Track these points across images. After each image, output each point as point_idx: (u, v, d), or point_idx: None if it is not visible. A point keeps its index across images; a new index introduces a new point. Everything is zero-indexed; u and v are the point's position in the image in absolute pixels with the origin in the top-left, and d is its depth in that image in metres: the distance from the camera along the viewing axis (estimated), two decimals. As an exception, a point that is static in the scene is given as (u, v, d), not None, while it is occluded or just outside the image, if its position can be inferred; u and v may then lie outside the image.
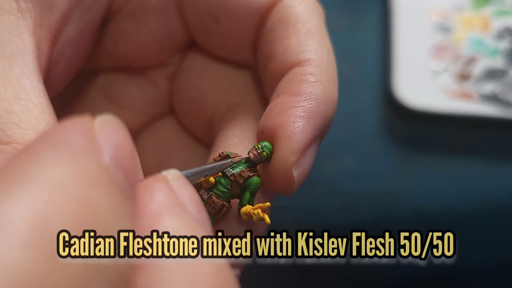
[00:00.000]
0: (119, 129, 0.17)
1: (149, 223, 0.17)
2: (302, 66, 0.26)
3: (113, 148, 0.16)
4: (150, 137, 0.32)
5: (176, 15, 0.29)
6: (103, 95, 0.32)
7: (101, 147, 0.16)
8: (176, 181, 0.18)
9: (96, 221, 0.15)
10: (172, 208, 0.17)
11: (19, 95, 0.22)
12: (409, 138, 0.42)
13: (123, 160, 0.16)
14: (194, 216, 0.18)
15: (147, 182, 0.18)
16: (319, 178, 0.40)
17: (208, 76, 0.30)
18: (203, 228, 0.18)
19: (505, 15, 0.46)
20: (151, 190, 0.18)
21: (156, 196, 0.17)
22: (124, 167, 0.16)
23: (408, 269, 0.41)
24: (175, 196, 0.18)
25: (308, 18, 0.27)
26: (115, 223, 0.15)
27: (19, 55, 0.23)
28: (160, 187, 0.18)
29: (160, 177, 0.18)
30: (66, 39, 0.26)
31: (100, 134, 0.16)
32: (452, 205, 0.39)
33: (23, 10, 0.24)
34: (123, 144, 0.17)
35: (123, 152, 0.16)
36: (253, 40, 0.28)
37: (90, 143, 0.16)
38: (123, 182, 0.16)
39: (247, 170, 0.25)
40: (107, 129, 0.17)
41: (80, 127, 0.16)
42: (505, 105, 0.41)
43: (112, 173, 0.16)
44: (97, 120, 0.17)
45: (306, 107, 0.25)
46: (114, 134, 0.17)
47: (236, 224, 0.26)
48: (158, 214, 0.17)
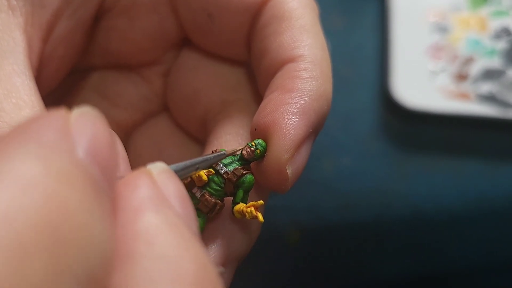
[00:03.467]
0: (97, 122, 0.16)
1: (128, 218, 0.16)
2: (296, 62, 0.25)
3: (88, 141, 0.15)
4: (144, 134, 0.32)
5: (169, 12, 0.29)
6: (97, 93, 0.31)
7: (75, 141, 0.15)
8: (161, 175, 0.18)
9: (66, 217, 0.14)
10: (154, 203, 0.17)
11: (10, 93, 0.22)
12: (406, 138, 0.42)
13: (100, 154, 0.16)
14: (178, 212, 0.17)
15: (130, 176, 0.17)
16: (316, 178, 0.40)
17: (202, 73, 0.30)
18: (187, 224, 0.17)
19: (502, 16, 0.46)
20: (133, 185, 0.17)
21: (138, 190, 0.17)
22: (101, 161, 0.16)
23: (408, 269, 0.41)
24: (159, 190, 0.17)
25: (302, 13, 0.27)
26: (86, 220, 0.14)
27: (9, 53, 0.23)
28: (143, 181, 0.17)
29: (144, 170, 0.18)
30: (58, 36, 0.26)
31: (75, 128, 0.16)
32: (449, 205, 0.39)
33: (14, 8, 0.24)
34: (100, 137, 0.16)
35: (100, 146, 0.16)
36: (246, 36, 0.28)
37: (64, 136, 0.15)
38: (98, 177, 0.15)
39: (241, 168, 0.25)
40: (84, 122, 0.16)
41: (54, 120, 0.15)
42: (503, 105, 0.41)
43: (85, 168, 0.15)
44: (74, 113, 0.16)
45: (300, 104, 0.24)
46: (90, 127, 0.16)
47: (229, 222, 0.26)
48: (139, 209, 0.16)
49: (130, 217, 0.16)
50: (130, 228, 0.16)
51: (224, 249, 0.25)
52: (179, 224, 0.17)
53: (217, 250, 0.25)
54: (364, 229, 0.39)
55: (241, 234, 0.26)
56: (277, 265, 0.41)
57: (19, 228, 0.13)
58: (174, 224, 0.16)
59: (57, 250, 0.13)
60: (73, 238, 0.14)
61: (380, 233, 0.40)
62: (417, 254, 0.41)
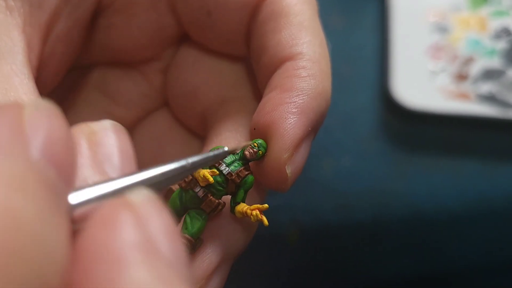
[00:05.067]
0: (54, 117, 0.15)
1: (111, 272, 0.13)
2: (294, 60, 0.25)
3: (44, 139, 0.14)
4: (145, 130, 0.32)
5: (167, 9, 0.29)
6: (97, 90, 0.32)
7: (29, 140, 0.14)
8: (145, 207, 0.15)
9: (18, 228, 0.12)
10: (142, 252, 0.14)
11: (8, 93, 0.22)
12: (406, 138, 0.42)
13: (56, 153, 0.14)
14: (168, 259, 0.14)
15: (109, 210, 0.15)
16: (316, 178, 0.40)
17: (201, 70, 0.30)
18: (178, 273, 0.14)
19: (502, 16, 0.46)
20: (113, 224, 0.14)
21: (121, 233, 0.14)
22: (57, 161, 0.14)
23: (407, 269, 0.41)
24: (145, 232, 0.14)
25: (300, 9, 0.26)
26: (41, 230, 0.13)
27: (7, 53, 0.23)
28: (125, 219, 0.14)
29: (125, 203, 0.15)
30: (57, 36, 0.26)
31: (29, 124, 0.14)
32: (448, 205, 0.39)
33: (12, 8, 0.24)
34: (57, 134, 0.14)
35: (57, 144, 0.14)
36: (245, 33, 0.28)
37: (16, 135, 0.14)
38: (54, 180, 0.14)
39: (243, 169, 0.25)
40: (38, 117, 0.14)
41: (6, 116, 0.14)
42: (503, 105, 0.41)
43: (40, 171, 0.14)
44: (27, 108, 0.15)
45: (298, 103, 0.24)
46: (46, 123, 0.14)
47: (228, 220, 0.26)
48: (125, 261, 0.13)
49: (112, 270, 0.13)
50: (114, 285, 0.13)
51: (222, 247, 0.25)
52: (171, 276, 0.14)
53: (215, 249, 0.25)
54: (363, 229, 0.39)
55: (239, 232, 0.26)
56: (276, 265, 0.41)
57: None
58: (166, 279, 0.14)
59: (9, 267, 0.12)
60: (26, 250, 0.13)
61: (379, 233, 0.40)
62: (416, 254, 0.41)
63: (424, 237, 0.40)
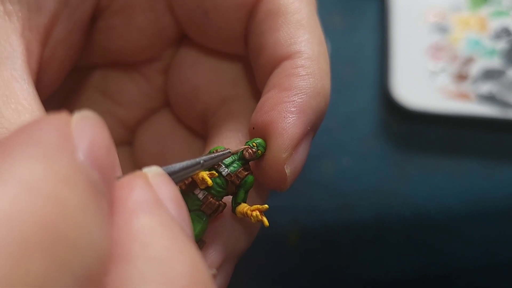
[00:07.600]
0: (97, 126, 0.17)
1: (124, 220, 0.16)
2: (293, 59, 0.25)
3: (88, 145, 0.16)
4: (148, 130, 0.32)
5: (165, 10, 0.29)
6: (99, 92, 0.32)
7: (75, 144, 0.16)
8: (156, 178, 0.18)
9: (65, 217, 0.14)
10: (149, 205, 0.17)
11: (9, 99, 0.22)
12: (406, 138, 0.42)
13: (99, 157, 0.16)
14: (171, 214, 0.17)
15: (126, 179, 0.18)
16: (317, 178, 0.40)
17: (201, 69, 0.30)
18: (181, 226, 0.17)
19: (502, 16, 0.46)
20: (129, 187, 0.17)
21: (133, 193, 0.17)
22: (100, 165, 0.16)
23: (408, 269, 0.41)
24: (153, 193, 0.17)
25: (298, 7, 0.26)
26: (85, 220, 0.15)
27: (7, 58, 0.23)
28: (138, 184, 0.17)
29: (140, 174, 0.18)
30: (56, 39, 0.26)
31: (76, 131, 0.16)
32: (449, 205, 0.39)
33: (10, 13, 0.24)
34: (99, 141, 0.16)
35: (99, 149, 0.16)
36: (243, 32, 0.28)
37: (64, 139, 0.15)
38: (97, 180, 0.16)
39: (242, 169, 0.25)
40: (84, 125, 0.16)
41: (55, 123, 0.16)
42: (503, 105, 0.41)
43: (85, 171, 0.15)
44: (75, 117, 0.16)
45: (297, 102, 0.24)
46: (91, 131, 0.16)
47: (230, 221, 0.26)
48: (134, 211, 0.17)
49: (125, 218, 0.16)
50: (126, 229, 0.16)
51: (225, 247, 0.25)
52: (173, 226, 0.17)
53: (218, 249, 0.25)
54: (364, 229, 0.39)
55: (242, 232, 0.26)
56: (277, 265, 0.41)
57: (21, 227, 0.13)
58: (168, 226, 0.17)
59: (56, 248, 0.14)
60: (72, 237, 0.14)
61: (380, 233, 0.40)
62: (417, 254, 0.41)
63: (424, 237, 0.40)
